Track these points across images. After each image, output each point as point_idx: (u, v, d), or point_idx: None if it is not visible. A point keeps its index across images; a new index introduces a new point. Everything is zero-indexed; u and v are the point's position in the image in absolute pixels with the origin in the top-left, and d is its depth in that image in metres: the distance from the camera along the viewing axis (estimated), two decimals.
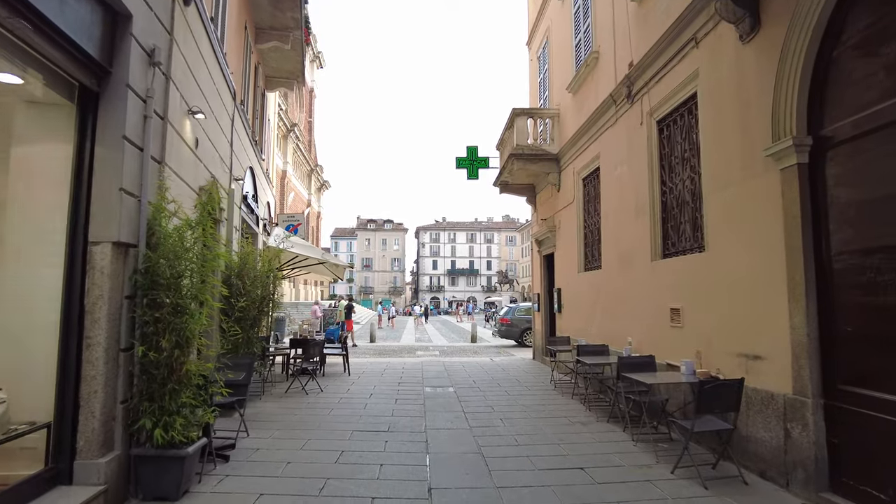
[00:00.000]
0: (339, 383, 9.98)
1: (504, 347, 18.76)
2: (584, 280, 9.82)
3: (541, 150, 11.53)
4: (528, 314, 19.40)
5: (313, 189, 55.73)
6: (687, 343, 6.01)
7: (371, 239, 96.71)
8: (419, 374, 11.27)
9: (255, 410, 7.42)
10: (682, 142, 6.50)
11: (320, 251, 9.65)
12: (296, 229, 12.65)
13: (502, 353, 16.85)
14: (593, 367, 7.64)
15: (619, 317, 8.05)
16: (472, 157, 14.33)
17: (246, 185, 10.04)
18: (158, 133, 4.70)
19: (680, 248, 6.49)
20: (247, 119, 10.23)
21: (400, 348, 18.69)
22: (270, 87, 13.65)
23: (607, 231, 8.62)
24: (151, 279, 4.09)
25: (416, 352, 17.28)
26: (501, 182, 13.51)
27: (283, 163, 42.00)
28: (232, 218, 8.34)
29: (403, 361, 13.94)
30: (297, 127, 43.84)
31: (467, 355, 16.16)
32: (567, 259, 10.95)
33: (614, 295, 8.22)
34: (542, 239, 12.97)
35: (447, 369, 12.10)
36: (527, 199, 14.18)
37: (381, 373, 11.57)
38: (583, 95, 9.94)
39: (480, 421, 6.92)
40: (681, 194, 6.50)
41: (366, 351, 17.61)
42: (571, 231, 10.59)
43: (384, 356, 15.89)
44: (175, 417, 3.95)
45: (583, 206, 10.16)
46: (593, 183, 9.66)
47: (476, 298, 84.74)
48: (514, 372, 11.68)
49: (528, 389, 9.33)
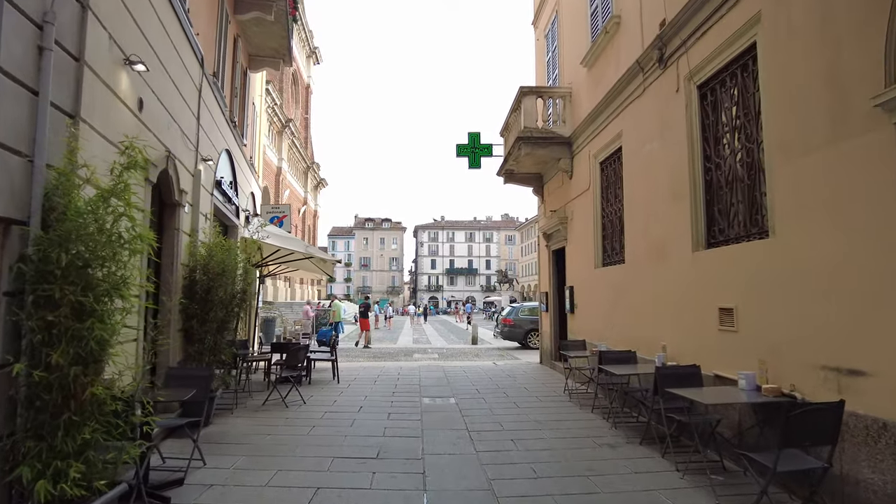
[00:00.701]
0: (325, 393, 8.84)
1: (507, 350, 17.64)
2: (603, 277, 8.70)
3: (551, 133, 10.40)
4: (532, 314, 18.28)
5: (310, 187, 54.53)
6: (743, 350, 4.89)
7: (369, 238, 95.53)
8: (416, 382, 10.14)
9: (222, 429, 6.28)
10: (732, 107, 5.38)
11: (303, 244, 8.51)
12: (281, 221, 11.52)
13: (505, 356, 15.72)
14: (620, 379, 6.51)
15: (648, 318, 6.92)
16: (474, 145, 13.20)
17: (221, 170, 8.90)
18: (68, 76, 3.56)
19: (731, 235, 5.36)
20: (222, 96, 9.09)
21: (396, 351, 17.56)
22: (254, 66, 12.50)
23: (632, 220, 7.50)
24: (42, 269, 2.96)
25: (413, 355, 16.15)
26: (506, 171, 12.38)
27: (278, 159, 40.88)
28: (199, 203, 7.20)
29: (399, 366, 12.81)
30: (292, 122, 42.66)
31: (468, 359, 15.03)
32: (581, 253, 9.83)
33: (642, 293, 7.10)
34: (550, 232, 11.85)
35: (447, 375, 10.97)
36: (533, 189, 13.05)
37: (374, 380, 10.43)
38: (600, 68, 8.82)
39: (488, 443, 5.79)
40: (731, 170, 5.38)
41: (359, 354, 16.48)
42: (586, 222, 9.47)
43: (379, 360, 14.75)
44: (71, 462, 2.82)
45: (600, 194, 9.03)
46: (613, 166, 8.54)
47: (475, 298, 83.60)
48: (522, 378, 10.55)
49: (539, 400, 8.20)
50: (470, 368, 12.17)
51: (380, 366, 12.91)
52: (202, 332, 6.55)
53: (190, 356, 6.65)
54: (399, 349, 18.09)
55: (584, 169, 9.59)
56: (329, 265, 10.04)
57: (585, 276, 9.54)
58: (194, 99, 7.05)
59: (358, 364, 13.39)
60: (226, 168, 9.53)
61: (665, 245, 6.48)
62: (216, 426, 6.38)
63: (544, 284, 12.74)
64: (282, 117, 40.15)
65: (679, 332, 6.09)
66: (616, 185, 8.40)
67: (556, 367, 11.52)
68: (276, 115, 38.96)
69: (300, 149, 47.85)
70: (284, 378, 8.16)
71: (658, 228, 6.68)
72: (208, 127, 8.00)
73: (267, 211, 11.61)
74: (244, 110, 11.53)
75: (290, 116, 42.68)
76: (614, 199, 8.48)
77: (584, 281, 9.60)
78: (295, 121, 47.77)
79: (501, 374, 11.23)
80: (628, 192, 7.67)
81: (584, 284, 9.61)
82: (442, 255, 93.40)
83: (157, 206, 6.27)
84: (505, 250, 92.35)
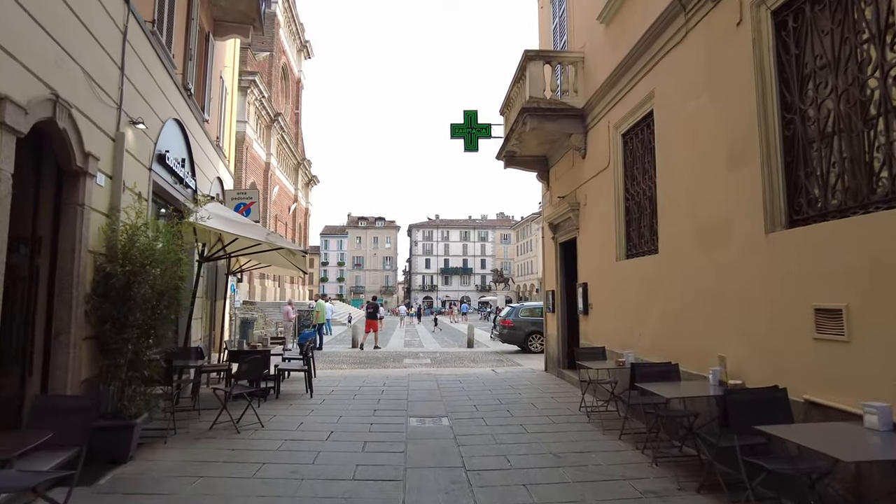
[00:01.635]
0: (292, 412, 7.32)
1: (506, 354, 16.15)
2: (627, 270, 7.22)
3: (561, 104, 8.90)
4: (533, 315, 16.81)
5: (301, 184, 52.88)
6: (861, 369, 3.42)
7: (362, 237, 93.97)
8: (403, 394, 8.63)
9: (141, 468, 4.74)
10: (829, 34, 3.91)
11: (265, 231, 6.98)
12: (248, 209, 9.98)
13: (505, 361, 14.23)
14: (657, 398, 5.02)
15: (694, 322, 5.44)
16: (471, 125, 11.71)
17: (167, 143, 7.37)
18: None
19: (830, 206, 3.89)
20: (169, 54, 7.54)
21: (385, 355, 16.03)
22: (220, 32, 10.95)
23: (670, 198, 6.01)
24: None
25: (403, 360, 14.63)
26: (507, 153, 10.89)
27: (267, 154, 39.31)
28: (121, 176, 5.65)
29: (386, 374, 11.28)
30: (281, 117, 41.08)
31: (464, 364, 13.53)
32: (597, 244, 8.35)
33: (685, 289, 5.62)
34: (558, 222, 10.36)
35: (440, 386, 9.46)
36: (537, 174, 11.57)
37: (354, 392, 8.91)
38: (623, 21, 7.33)
39: (493, 492, 4.27)
40: (830, 117, 3.91)
41: (344, 359, 14.94)
42: (605, 206, 7.99)
43: (364, 366, 13.23)
44: None
45: (623, 172, 7.55)
46: (641, 136, 7.06)
47: (470, 298, 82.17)
48: (527, 390, 9.06)
49: (551, 422, 6.70)
50: (466, 377, 10.66)
51: (364, 374, 11.38)
52: (120, 341, 5.01)
53: (104, 372, 5.11)
54: (388, 353, 16.57)
55: (602, 144, 8.11)
56: (299, 258, 8.51)
57: (604, 271, 8.06)
58: (113, 40, 5.50)
59: (340, 372, 11.86)
60: (176, 142, 7.99)
61: (720, 227, 4.99)
62: (136, 464, 4.85)
63: (550, 282, 11.26)
64: (270, 111, 38.54)
65: (745, 340, 4.61)
66: (645, 159, 6.92)
67: (564, 377, 10.04)
68: (264, 109, 37.37)
69: (290, 145, 46.27)
70: (240, 394, 6.63)
71: (709, 206, 5.20)
72: (144, 86, 6.46)
73: (232, 197, 10.07)
74: (205, 81, 9.97)
75: (279, 111, 41.12)
76: (642, 176, 7.00)
77: (602, 276, 8.12)
78: (285, 116, 46.23)
79: (502, 384, 9.73)
80: (663, 165, 6.19)
81: (602, 280, 8.12)
82: (436, 254, 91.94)
83: (52, 174, 4.74)
84: (500, 249, 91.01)
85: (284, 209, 45.77)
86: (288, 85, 49.67)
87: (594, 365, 6.82)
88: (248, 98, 33.83)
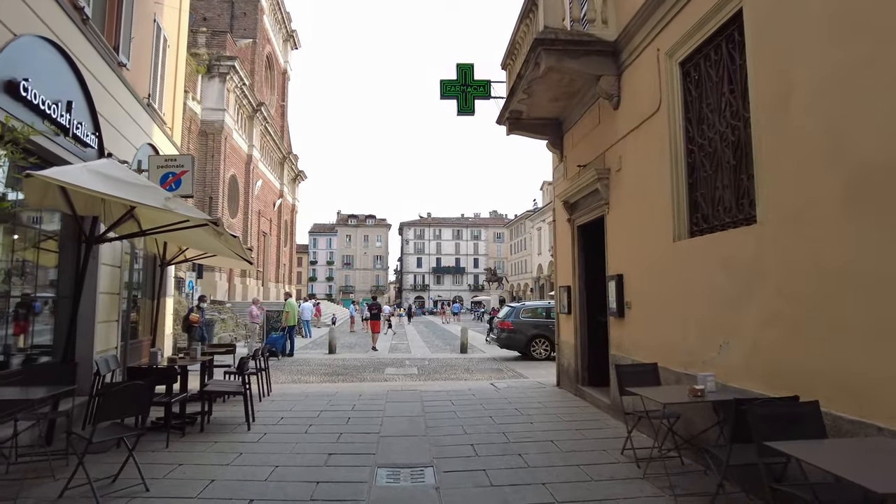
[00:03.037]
0: (207, 458, 5.05)
1: (505, 361, 13.94)
2: (694, 252, 5.00)
3: (586, 36, 6.69)
4: (536, 317, 14.62)
5: (287, 179, 50.37)
6: None
7: (352, 235, 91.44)
8: (376, 424, 6.39)
9: None
10: None
11: (164, 194, 4.67)
12: (177, 181, 7.68)
13: (505, 371, 12.01)
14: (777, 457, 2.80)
15: (846, 330, 3.23)
16: (466, 81, 9.47)
17: (25, 67, 5.08)
18: None
19: None
20: None
21: (365, 363, 13.75)
22: None
23: (789, 133, 3.79)
24: None
25: (385, 369, 12.38)
26: (511, 114, 8.66)
27: (249, 146, 36.86)
28: None
29: (360, 390, 9.01)
30: (264, 107, 38.63)
31: (457, 375, 11.30)
32: (639, 220, 6.14)
33: (822, 275, 3.41)
34: (576, 199, 8.16)
35: (425, 410, 7.23)
36: (548, 142, 9.34)
37: (310, 420, 6.66)
38: None
39: None
40: None
41: (316, 367, 12.66)
42: (652, 167, 5.78)
43: (336, 378, 10.96)
44: None
45: (682, 113, 5.33)
46: (716, 57, 4.85)
47: (462, 297, 79.96)
48: (540, 417, 6.83)
49: (588, 478, 4.46)
50: (459, 395, 8.43)
51: (332, 390, 9.09)
52: None
53: None
54: (369, 360, 14.29)
55: (647, 83, 5.90)
56: (236, 244, 6.27)
57: (650, 257, 5.84)
58: None
59: (303, 388, 9.57)
60: (54, 75, 5.70)
61: None
62: None
63: (564, 276, 9.05)
64: (253, 100, 36.07)
65: None
66: (722, 89, 4.72)
67: (585, 396, 7.84)
68: (245, 98, 34.89)
69: (275, 138, 43.81)
70: (120, 439, 4.35)
71: (872, 138, 3.01)
72: None
73: (158, 164, 7.76)
74: (120, 11, 7.64)
75: (262, 100, 38.66)
76: (718, 114, 4.79)
77: (648, 264, 5.90)
78: (269, 107, 43.78)
79: (506, 406, 7.50)
80: (772, 83, 3.97)
81: (648, 270, 5.90)
82: (428, 252, 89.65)
83: None
84: (493, 248, 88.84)
85: (269, 204, 43.35)
86: (273, 75, 47.24)
87: (656, 396, 4.56)
88: (228, 85, 31.45)
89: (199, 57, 30.69)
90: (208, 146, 30.90)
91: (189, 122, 28.30)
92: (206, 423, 6.34)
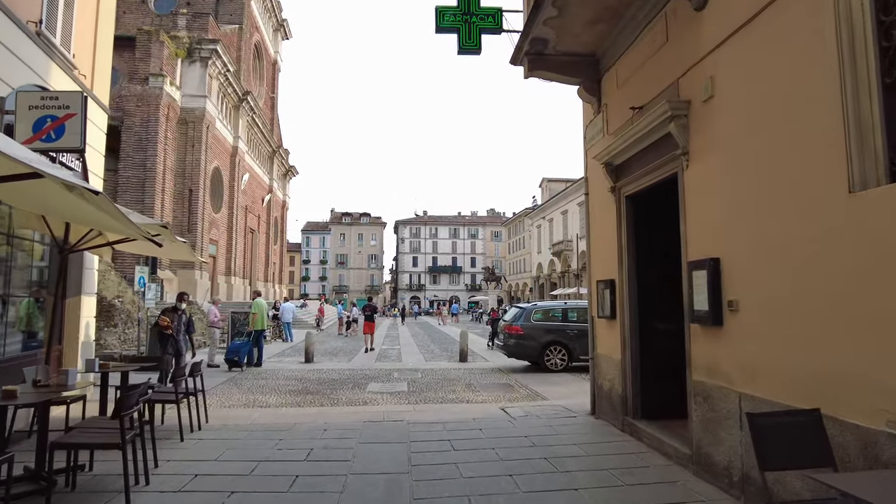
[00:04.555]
0: None
1: (514, 372, 11.62)
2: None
3: None
4: (549, 319, 12.31)
5: (277, 174, 47.82)
6: None
7: (346, 234, 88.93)
8: (334, 494, 4.04)
9: None
10: None
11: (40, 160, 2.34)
12: (59, 127, 5.30)
13: (517, 388, 9.67)
14: None
15: None
16: (469, 9, 7.14)
17: None
18: None
19: None
20: None
21: (345, 376, 11.39)
22: None
23: None
24: None
25: (367, 386, 10.00)
26: (533, 44, 6.30)
27: (234, 137, 34.37)
28: None
29: (325, 422, 6.61)
30: (250, 96, 36.11)
31: (456, 395, 8.96)
32: (761, 170, 3.76)
33: None
34: (625, 158, 5.85)
35: (413, 462, 4.87)
36: (580, 86, 6.96)
37: (234, 484, 4.28)
38: None
39: None
40: None
41: (283, 382, 10.26)
42: (795, 76, 3.44)
43: (304, 398, 8.59)
44: None
45: None
46: None
47: (459, 297, 77.65)
48: (586, 478, 4.47)
49: None
50: (462, 432, 6.07)
51: (289, 422, 6.69)
52: None
53: None
54: (350, 372, 11.92)
55: None
56: (156, 229, 3.95)
57: (789, 225, 3.47)
58: None
59: (252, 415, 7.17)
60: None
61: None
62: None
63: (603, 266, 6.72)
64: (238, 89, 33.61)
65: None
66: None
67: (641, 435, 5.51)
68: (230, 86, 32.38)
69: (264, 130, 41.33)
70: None
71: None
72: None
73: (31, 104, 5.38)
74: None
75: (248, 89, 36.20)
76: None
77: (784, 237, 3.52)
78: (258, 98, 41.25)
79: (532, 454, 5.14)
80: None
81: (784, 247, 3.53)
82: (424, 251, 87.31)
83: None
84: (491, 247, 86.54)
85: (257, 200, 40.90)
86: (262, 66, 44.78)
87: (840, 483, 2.21)
88: (210, 70, 28.99)
89: (178, 40, 28.37)
90: (189, 135, 28.52)
91: (167, 108, 26.00)
92: (73, 487, 4.02)
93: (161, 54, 26.00)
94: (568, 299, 36.85)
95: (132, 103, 25.28)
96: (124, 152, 24.54)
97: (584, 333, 11.86)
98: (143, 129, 25.27)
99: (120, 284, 14.61)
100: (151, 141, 25.09)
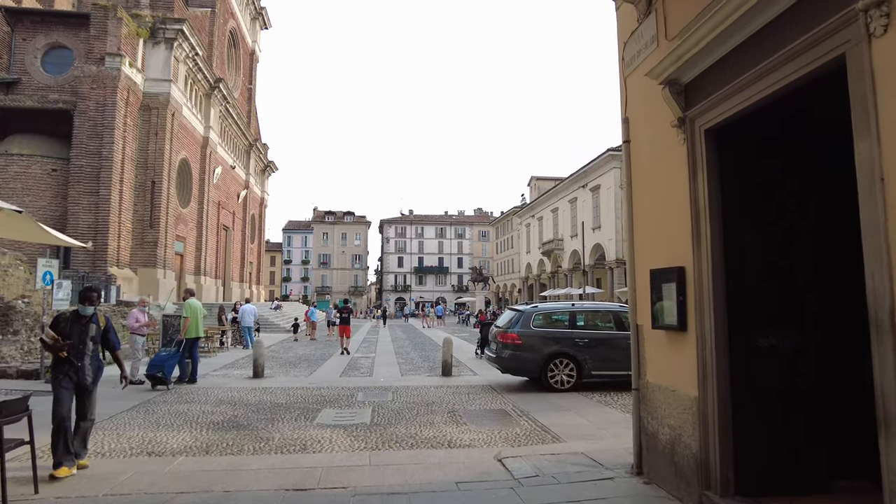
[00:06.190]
0: None
1: (509, 392, 9.25)
2: None
3: None
4: (552, 325, 9.97)
5: (255, 170, 44.98)
6: None
7: (329, 233, 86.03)
8: None
9: None
10: None
11: None
12: None
13: (515, 417, 7.29)
14: None
15: None
16: None
17: None
18: None
19: None
20: None
21: (294, 398, 8.92)
22: None
23: None
24: None
25: (319, 413, 7.55)
26: None
27: (205, 127, 31.59)
28: None
29: (229, 487, 4.17)
30: (223, 84, 33.31)
31: (435, 429, 6.54)
32: None
33: None
34: (719, 55, 3.51)
35: None
36: None
37: None
38: None
39: None
40: None
41: (208, 410, 7.76)
42: None
43: (224, 437, 6.06)
44: None
45: None
46: None
47: (446, 299, 75.31)
48: None
49: None
50: None
51: (175, 484, 4.17)
52: None
53: None
54: (303, 393, 9.43)
55: None
56: None
57: None
58: None
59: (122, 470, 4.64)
60: None
61: None
62: None
63: (660, 248, 4.37)
64: (209, 75, 30.83)
65: None
66: None
67: None
68: (200, 72, 29.58)
69: (240, 122, 38.55)
70: None
71: None
72: None
73: None
74: None
75: (219, 76, 33.44)
76: None
77: None
78: (234, 88, 38.38)
79: None
80: None
81: None
82: (410, 251, 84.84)
83: None
84: (478, 247, 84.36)
85: (232, 195, 38.08)
86: (238, 55, 41.99)
87: None
88: (176, 53, 26.20)
89: (140, 18, 25.66)
90: (151, 122, 25.78)
91: (126, 91, 23.31)
92: None
93: (118, 32, 23.27)
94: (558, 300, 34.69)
95: (86, 85, 22.55)
96: (77, 139, 21.82)
97: (597, 342, 9.57)
98: (98, 114, 22.55)
99: (28, 282, 11.97)
100: (108, 127, 22.38)
